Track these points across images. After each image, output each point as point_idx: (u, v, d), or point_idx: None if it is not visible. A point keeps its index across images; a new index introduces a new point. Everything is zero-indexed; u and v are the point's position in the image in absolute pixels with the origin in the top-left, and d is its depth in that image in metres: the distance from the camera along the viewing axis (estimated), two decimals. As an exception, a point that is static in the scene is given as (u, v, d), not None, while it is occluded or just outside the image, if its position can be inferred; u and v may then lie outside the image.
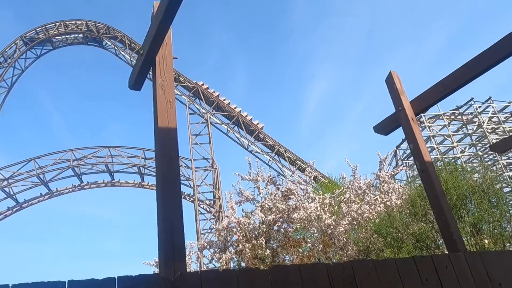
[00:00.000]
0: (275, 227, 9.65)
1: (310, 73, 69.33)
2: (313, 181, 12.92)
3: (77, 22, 32.95)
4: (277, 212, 9.48)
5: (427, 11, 67.15)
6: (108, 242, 63.34)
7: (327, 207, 9.43)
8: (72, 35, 33.41)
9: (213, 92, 30.55)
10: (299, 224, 9.10)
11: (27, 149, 74.00)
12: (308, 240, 9.12)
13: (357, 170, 9.98)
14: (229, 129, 30.13)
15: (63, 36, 33.27)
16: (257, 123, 30.18)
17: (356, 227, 9.10)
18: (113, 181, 29.85)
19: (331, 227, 8.85)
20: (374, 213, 8.96)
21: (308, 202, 9.45)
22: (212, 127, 29.11)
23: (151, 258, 11.82)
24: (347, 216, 9.01)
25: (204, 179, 27.52)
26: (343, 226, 8.77)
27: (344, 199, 9.42)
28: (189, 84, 29.94)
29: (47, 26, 32.36)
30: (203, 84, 30.59)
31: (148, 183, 29.82)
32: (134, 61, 27.07)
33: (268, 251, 9.46)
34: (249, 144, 29.77)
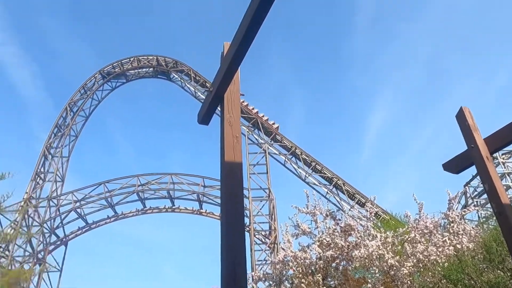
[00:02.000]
0: (333, 264, 9.31)
1: (370, 103, 68.06)
2: (373, 217, 12.39)
3: (148, 57, 35.66)
4: (336, 248, 9.16)
5: (496, 43, 63.52)
6: (165, 266, 64.96)
7: (390, 246, 8.93)
8: (143, 69, 36.16)
9: (273, 123, 31.05)
10: (358, 262, 8.70)
11: (98, 173, 79.60)
12: (369, 280, 8.65)
13: (423, 208, 9.42)
14: (286, 160, 30.16)
15: (135, 70, 36.11)
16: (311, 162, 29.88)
17: (421, 269, 8.49)
18: (173, 207, 30.91)
19: (394, 268, 8.34)
20: (442, 256, 8.32)
21: (369, 239, 9.04)
22: (269, 158, 29.35)
23: (207, 283, 11.87)
24: (412, 257, 8.45)
25: (260, 209, 27.57)
26: (407, 268, 8.23)
27: (409, 239, 8.88)
28: (249, 115, 30.69)
29: (122, 61, 35.40)
30: (263, 116, 31.25)
31: (206, 210, 30.47)
32: (199, 93, 28.35)
33: (325, 288, 9.11)
34: (307, 175, 29.47)
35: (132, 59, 35.43)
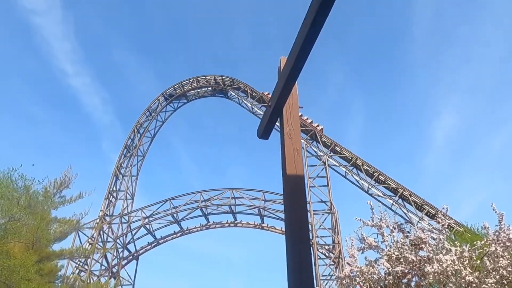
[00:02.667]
0: (404, 280, 8.79)
1: (435, 108, 64.32)
2: (446, 229, 11.58)
3: (206, 77, 37.10)
4: (406, 263, 8.66)
5: None
6: (230, 280, 65.73)
7: (467, 261, 8.25)
8: (202, 89, 37.65)
9: (317, 125, 30.84)
10: (432, 278, 8.13)
11: (164, 190, 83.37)
12: (445, 298, 8.04)
13: (504, 218, 8.61)
14: (347, 171, 29.39)
15: (195, 90, 37.70)
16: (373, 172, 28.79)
17: (506, 287, 7.72)
18: (236, 222, 31.38)
19: (474, 285, 7.68)
20: (530, 271, 7.52)
21: (442, 253, 8.44)
22: (330, 170, 28.81)
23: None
24: (494, 273, 7.73)
25: (322, 222, 27.01)
26: (489, 285, 7.54)
27: (489, 253, 8.15)
28: (306, 127, 30.51)
29: (183, 83, 37.18)
30: (318, 126, 30.92)
31: (267, 224, 30.53)
32: (255, 108, 28.83)
33: (397, 306, 8.62)
34: (369, 187, 28.43)
35: (191, 80, 37.09)
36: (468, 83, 63.20)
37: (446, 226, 10.21)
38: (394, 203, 27.59)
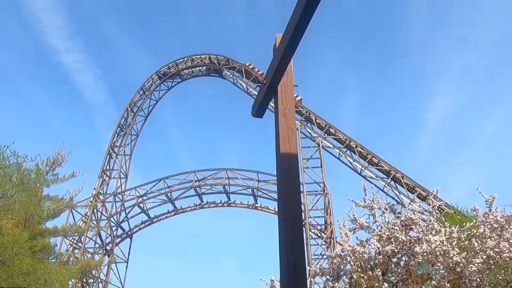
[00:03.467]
0: (394, 259, 8.96)
1: (429, 91, 64.43)
2: (436, 211, 11.76)
3: (201, 56, 36.60)
4: (396, 243, 8.81)
5: None
6: (224, 258, 66.75)
7: (455, 242, 8.41)
8: (197, 68, 37.20)
9: (296, 96, 30.94)
10: (421, 258, 8.29)
11: (157, 169, 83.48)
12: (433, 277, 8.22)
13: (494, 201, 8.74)
14: (341, 153, 29.54)
15: (189, 70, 37.26)
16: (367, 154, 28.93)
17: (492, 267, 7.90)
18: (229, 202, 31.62)
19: (461, 265, 7.84)
20: (516, 252, 7.68)
21: (432, 234, 8.58)
22: (323, 151, 28.93)
23: (264, 276, 12.00)
24: (481, 253, 7.90)
25: (315, 203, 27.31)
26: (476, 265, 7.70)
27: (477, 234, 8.30)
28: (301, 109, 30.44)
29: (177, 62, 36.69)
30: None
31: (261, 205, 30.79)
32: (250, 89, 28.64)
33: (386, 284, 8.81)
34: (363, 168, 28.66)
35: (186, 59, 36.59)
36: (463, 65, 63.13)
37: (436, 207, 10.36)
38: (386, 185, 27.90)
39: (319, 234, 27.43)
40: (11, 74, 63.06)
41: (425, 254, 8.05)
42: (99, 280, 27.90)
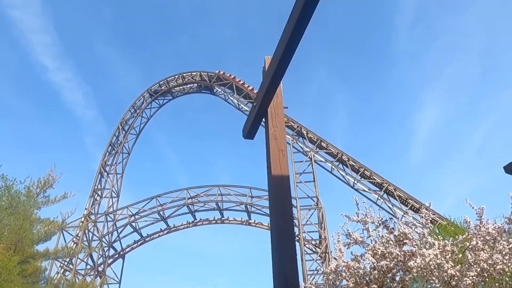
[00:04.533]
0: (389, 274, 8.94)
1: (418, 101, 65.35)
2: (430, 223, 11.81)
3: (192, 73, 36.82)
4: (391, 258, 8.80)
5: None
6: (218, 275, 65.77)
7: (449, 255, 8.43)
8: (188, 85, 37.38)
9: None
10: (416, 273, 8.28)
11: (150, 187, 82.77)
12: (429, 291, 8.20)
13: (484, 213, 8.81)
14: (333, 167, 29.65)
15: (181, 87, 37.40)
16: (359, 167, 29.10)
17: (486, 279, 7.92)
18: (223, 219, 31.38)
19: (455, 278, 7.85)
20: (510, 264, 7.72)
21: (426, 248, 8.60)
22: (316, 165, 29.01)
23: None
24: (475, 266, 7.92)
25: (309, 218, 27.23)
26: (470, 277, 7.71)
27: (470, 246, 8.33)
28: (292, 124, 30.62)
29: (168, 79, 36.82)
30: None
31: (254, 221, 30.61)
32: (241, 105, 28.76)
33: (382, 300, 8.76)
34: (355, 182, 28.76)
35: (177, 76, 36.75)
36: (450, 75, 64.28)
37: (429, 220, 10.40)
38: (379, 198, 27.98)
39: (313, 249, 27.27)
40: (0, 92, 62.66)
41: (419, 268, 8.05)
42: (91, 303, 27.25)
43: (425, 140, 67.85)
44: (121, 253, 31.43)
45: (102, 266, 29.64)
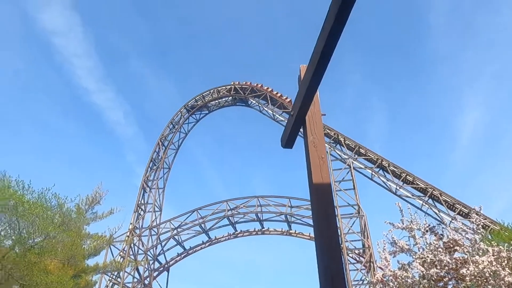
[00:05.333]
0: (440, 283, 8.54)
1: (459, 102, 62.54)
2: (481, 228, 11.22)
3: (226, 86, 37.45)
4: (441, 266, 8.42)
5: None
6: (259, 287, 65.44)
7: (505, 261, 7.95)
8: (223, 99, 38.02)
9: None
10: (470, 281, 7.87)
11: (190, 201, 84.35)
12: (485, 301, 7.75)
13: (542, 216, 8.28)
14: (373, 173, 28.89)
15: (216, 101, 38.12)
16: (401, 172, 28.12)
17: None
18: (263, 229, 31.35)
19: (514, 286, 7.38)
20: None
21: (479, 254, 8.17)
22: (355, 173, 28.41)
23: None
24: (535, 273, 7.41)
25: (351, 226, 26.59)
26: (531, 285, 7.23)
27: (528, 252, 7.83)
28: (329, 132, 30.26)
29: (203, 94, 37.67)
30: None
31: (295, 231, 30.33)
32: (277, 115, 28.84)
33: (434, 310, 8.37)
34: (397, 188, 27.83)
35: (212, 90, 37.52)
36: (492, 72, 61.13)
37: (480, 225, 9.88)
38: (424, 204, 26.88)
39: (357, 259, 26.53)
40: (47, 115, 66.66)
41: (473, 276, 7.64)
42: (139, 316, 27.96)
43: (469, 142, 64.76)
44: (166, 266, 32.10)
45: (148, 279, 30.38)
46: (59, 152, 70.03)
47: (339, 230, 25.76)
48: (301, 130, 4.08)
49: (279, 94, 34.15)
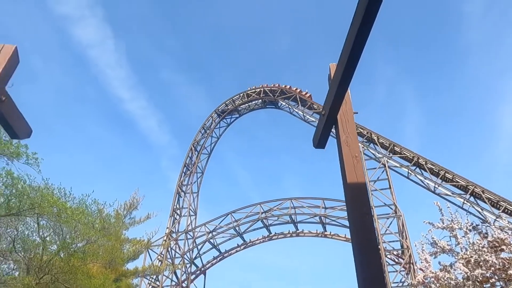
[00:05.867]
0: (487, 285, 8.14)
1: (498, 93, 59.53)
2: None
3: (256, 89, 37.61)
4: (487, 267, 8.03)
5: None
6: (296, 291, 64.93)
7: (558, 261, 7.47)
8: (253, 102, 38.20)
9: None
10: (519, 282, 7.44)
11: (224, 204, 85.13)
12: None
13: None
14: (410, 172, 28.01)
15: (246, 104, 38.35)
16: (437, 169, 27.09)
17: None
18: (297, 232, 31.12)
19: None
20: None
21: (528, 254, 7.72)
22: (391, 171, 27.66)
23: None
24: None
25: (388, 227, 25.90)
26: None
27: None
28: (361, 131, 29.68)
29: (233, 98, 38.02)
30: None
31: (330, 232, 29.91)
32: (307, 116, 28.61)
33: (480, 313, 7.99)
34: (436, 186, 26.83)
35: (242, 94, 37.81)
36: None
37: (529, 223, 9.34)
38: (465, 202, 25.75)
39: (396, 260, 25.77)
40: (85, 123, 69.47)
41: (523, 277, 7.23)
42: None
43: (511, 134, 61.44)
44: (202, 269, 32.53)
45: (185, 282, 30.90)
46: (97, 158, 72.83)
47: (376, 231, 25.12)
48: (333, 130, 4.02)
49: (308, 95, 33.93)
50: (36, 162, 9.61)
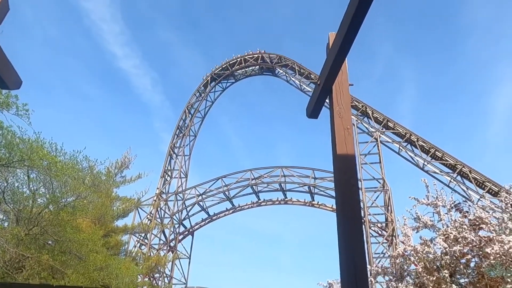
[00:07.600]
0: (463, 260, 8.46)
1: (495, 75, 59.39)
2: (510, 207, 10.89)
3: (254, 55, 36.95)
4: (465, 243, 8.31)
5: None
6: (282, 255, 67.07)
7: (534, 242, 7.73)
8: (250, 68, 37.63)
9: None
10: (494, 260, 7.74)
11: (215, 168, 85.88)
12: (509, 280, 7.64)
13: None
14: (401, 147, 28.30)
15: (243, 70, 37.79)
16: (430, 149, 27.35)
17: None
18: (286, 199, 31.68)
19: (541, 267, 7.21)
20: None
21: (505, 234, 7.98)
22: (382, 146, 27.92)
23: (321, 275, 11.92)
24: None
25: (374, 200, 26.47)
26: (559, 267, 7.04)
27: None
28: (357, 104, 29.63)
29: (230, 62, 37.39)
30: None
31: (318, 202, 30.49)
32: (304, 85, 28.38)
33: (454, 286, 8.35)
34: (425, 163, 27.23)
35: (239, 59, 37.16)
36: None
37: (510, 204, 9.60)
38: (452, 180, 26.27)
39: (379, 232, 26.55)
40: (77, 78, 68.35)
41: (498, 255, 7.51)
42: (165, 275, 29.37)
43: (505, 118, 61.90)
44: (190, 230, 33.24)
45: (173, 242, 31.64)
46: (88, 115, 72.18)
47: (362, 203, 25.71)
48: (328, 100, 4.00)
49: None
50: (27, 114, 9.47)
